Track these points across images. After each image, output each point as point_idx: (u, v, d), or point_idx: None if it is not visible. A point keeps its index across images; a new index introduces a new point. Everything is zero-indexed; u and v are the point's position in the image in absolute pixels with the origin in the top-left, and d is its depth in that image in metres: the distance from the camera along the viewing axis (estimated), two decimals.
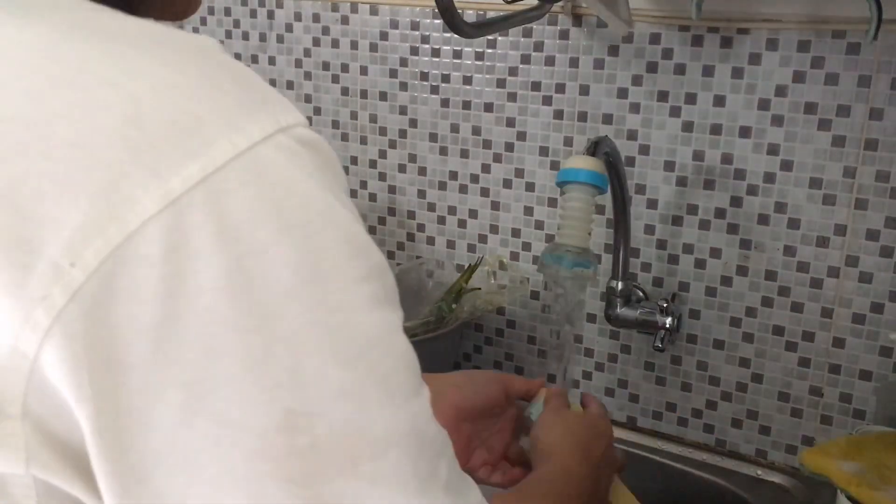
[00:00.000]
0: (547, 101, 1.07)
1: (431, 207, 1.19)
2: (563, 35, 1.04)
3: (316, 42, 1.21)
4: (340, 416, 0.34)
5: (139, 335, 0.32)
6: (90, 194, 0.32)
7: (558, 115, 1.07)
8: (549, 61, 1.06)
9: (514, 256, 1.14)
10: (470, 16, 1.09)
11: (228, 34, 1.29)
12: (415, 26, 1.13)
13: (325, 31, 1.20)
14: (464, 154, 1.14)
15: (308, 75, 1.23)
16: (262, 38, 1.26)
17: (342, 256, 0.35)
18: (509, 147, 1.11)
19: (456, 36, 0.99)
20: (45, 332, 0.31)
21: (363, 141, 1.22)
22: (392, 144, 1.19)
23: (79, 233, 0.31)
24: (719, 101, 0.98)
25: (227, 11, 1.28)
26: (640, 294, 1.06)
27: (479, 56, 1.10)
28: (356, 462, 0.35)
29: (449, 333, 1.08)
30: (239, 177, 0.33)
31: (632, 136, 1.03)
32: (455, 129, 1.14)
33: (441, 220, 1.18)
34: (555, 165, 1.08)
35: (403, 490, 0.36)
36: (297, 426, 0.33)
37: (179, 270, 0.32)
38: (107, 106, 0.33)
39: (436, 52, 1.13)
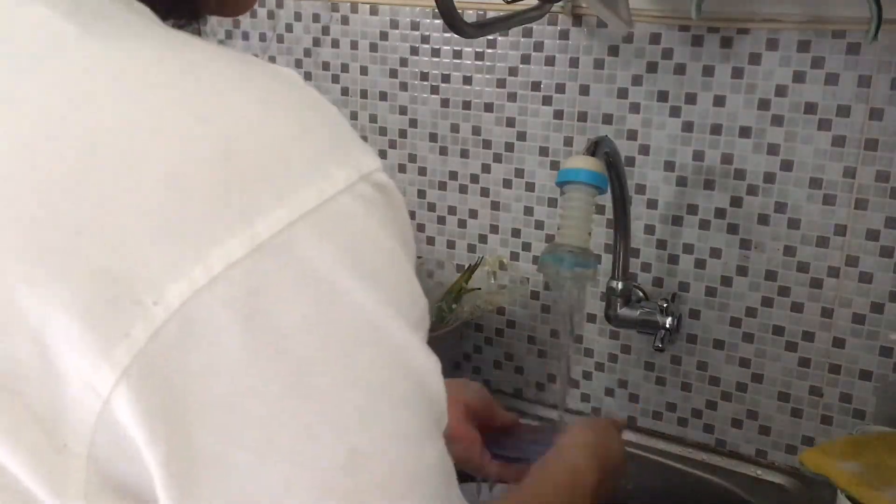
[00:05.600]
0: (547, 101, 1.07)
1: (431, 207, 1.19)
2: (563, 35, 1.04)
3: (316, 42, 1.22)
4: (394, 454, 0.35)
5: (217, 378, 0.31)
6: (178, 234, 0.31)
7: (558, 115, 1.07)
8: (549, 61, 1.06)
9: (514, 256, 1.14)
10: (470, 16, 1.09)
11: (229, 34, 1.29)
12: (415, 26, 1.13)
13: (325, 31, 1.20)
14: (464, 154, 1.14)
15: (308, 75, 1.23)
16: (262, 38, 1.26)
17: (403, 304, 0.36)
18: (509, 147, 1.11)
19: (456, 36, 0.99)
20: (123, 370, 0.31)
21: None
22: (392, 144, 1.19)
23: (164, 272, 0.31)
24: (719, 101, 0.98)
25: None
26: (640, 294, 1.06)
27: (479, 56, 1.10)
28: (404, 497, 0.36)
29: (449, 333, 1.08)
30: (321, 225, 0.33)
31: (632, 136, 1.03)
32: (455, 129, 1.14)
33: (441, 220, 1.18)
34: (555, 165, 1.08)
35: None
36: (358, 465, 0.34)
37: (259, 314, 0.32)
38: (198, 143, 0.32)
39: (436, 52, 1.13)
